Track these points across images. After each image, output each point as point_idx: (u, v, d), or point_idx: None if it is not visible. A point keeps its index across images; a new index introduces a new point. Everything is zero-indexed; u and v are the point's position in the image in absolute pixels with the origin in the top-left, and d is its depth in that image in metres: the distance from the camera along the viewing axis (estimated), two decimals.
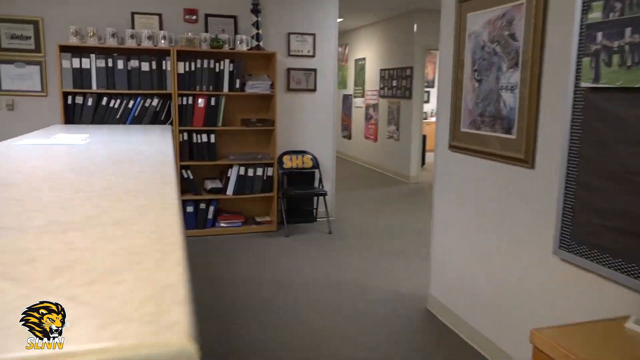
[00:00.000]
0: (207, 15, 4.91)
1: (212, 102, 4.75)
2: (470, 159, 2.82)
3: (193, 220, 4.85)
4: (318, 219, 5.45)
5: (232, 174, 4.89)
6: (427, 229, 5.20)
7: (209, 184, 4.92)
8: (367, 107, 9.70)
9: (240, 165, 4.89)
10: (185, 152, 4.74)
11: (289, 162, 5.24)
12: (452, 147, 3.00)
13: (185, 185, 4.81)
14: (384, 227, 5.37)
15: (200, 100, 4.72)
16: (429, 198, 6.94)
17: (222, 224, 4.95)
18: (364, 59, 9.87)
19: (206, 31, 4.91)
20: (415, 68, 7.87)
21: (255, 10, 4.89)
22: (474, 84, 2.73)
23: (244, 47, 4.85)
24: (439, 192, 3.24)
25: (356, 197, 6.93)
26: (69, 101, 4.40)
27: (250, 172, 4.92)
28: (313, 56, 5.32)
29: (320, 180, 5.35)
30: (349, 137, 10.76)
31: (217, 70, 4.74)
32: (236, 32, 4.99)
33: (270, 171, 4.99)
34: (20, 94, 4.58)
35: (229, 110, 4.97)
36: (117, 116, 4.52)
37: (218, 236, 4.86)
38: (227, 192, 4.90)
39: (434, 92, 12.44)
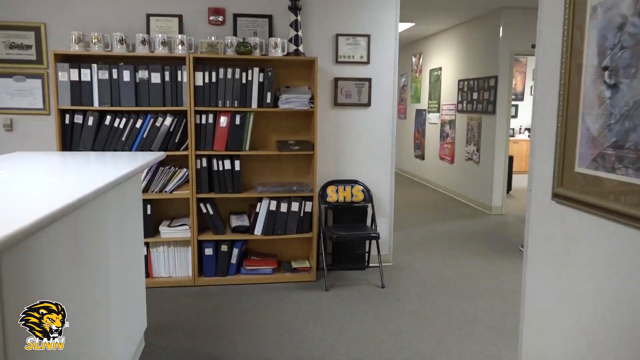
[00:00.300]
0: (235, 16, 4.04)
1: (237, 121, 3.85)
2: (594, 222, 1.64)
3: (212, 265, 3.94)
4: (371, 265, 4.35)
5: (261, 209, 3.94)
6: (512, 287, 3.94)
7: (234, 221, 4.00)
8: (443, 123, 8.46)
9: (271, 198, 3.93)
10: (204, 181, 3.86)
11: (334, 195, 4.21)
12: (558, 197, 1.83)
13: (204, 222, 3.93)
14: (455, 281, 4.16)
15: (222, 118, 3.83)
16: (515, 238, 5.59)
17: (248, 271, 4.00)
18: (439, 68, 8.65)
19: (234, 34, 4.03)
20: (501, 77, 6.56)
21: (294, 8, 3.95)
22: (603, 91, 1.56)
23: (279, 53, 3.92)
24: (534, 262, 2.06)
25: (422, 233, 5.73)
26: (67, 121, 3.69)
27: (284, 207, 3.94)
28: (367, 63, 4.28)
29: (374, 217, 4.26)
30: (421, 157, 9.54)
31: (243, 81, 3.84)
32: (271, 35, 4.07)
33: (308, 206, 3.98)
34: (20, 112, 3.94)
35: (258, 131, 4.05)
36: (123, 138, 3.73)
37: (242, 286, 3.91)
38: (255, 232, 3.95)
39: (523, 105, 10.92)
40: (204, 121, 3.82)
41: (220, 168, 3.86)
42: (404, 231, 5.56)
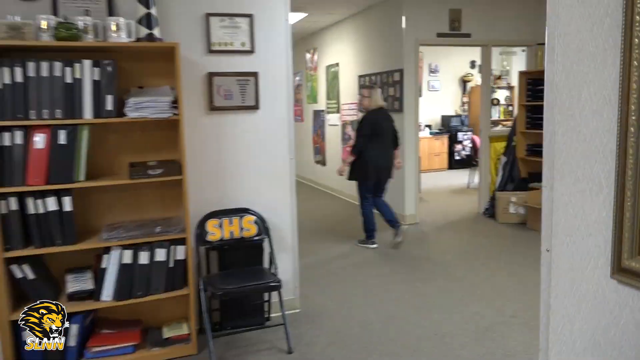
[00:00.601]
0: None
1: (62, 139, 2.61)
2: None
3: (38, 354, 2.66)
4: (273, 317, 3.31)
5: (110, 263, 2.73)
6: (449, 330, 3.05)
7: (72, 283, 2.75)
8: (344, 124, 7.64)
9: (123, 247, 2.74)
10: (16, 232, 2.57)
11: (217, 231, 3.11)
12: (626, 275, 0.92)
13: (21, 292, 2.65)
14: (381, 329, 3.24)
15: (38, 136, 2.57)
16: (438, 255, 4.75)
17: (96, 355, 2.77)
18: (336, 64, 7.83)
19: (54, 13, 2.79)
20: (406, 70, 5.84)
21: None
22: None
23: (123, 38, 2.74)
24: None
25: (330, 259, 4.79)
26: None
27: (144, 257, 2.76)
28: (251, 52, 3.23)
29: (272, 256, 3.22)
30: (322, 162, 8.67)
31: (68, 80, 2.61)
32: (111, 14, 2.88)
33: (180, 251, 2.84)
34: None
35: (102, 151, 2.85)
36: None
37: None
38: (103, 297, 2.73)
39: (421, 101, 10.47)
40: (7, 142, 2.53)
41: (41, 210, 2.59)
42: (309, 260, 4.58)
